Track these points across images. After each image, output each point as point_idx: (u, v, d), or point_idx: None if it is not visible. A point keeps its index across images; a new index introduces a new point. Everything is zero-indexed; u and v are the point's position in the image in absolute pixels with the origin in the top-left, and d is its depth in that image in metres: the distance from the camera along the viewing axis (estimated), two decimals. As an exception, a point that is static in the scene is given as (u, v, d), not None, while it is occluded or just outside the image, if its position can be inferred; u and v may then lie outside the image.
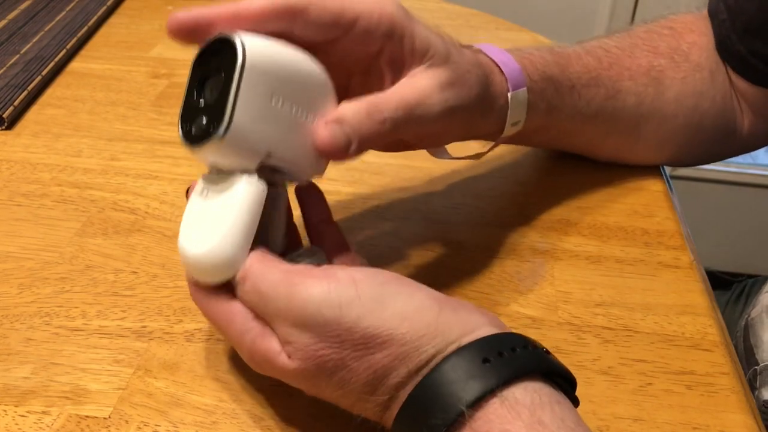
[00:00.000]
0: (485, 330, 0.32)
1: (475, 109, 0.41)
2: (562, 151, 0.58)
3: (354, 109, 0.35)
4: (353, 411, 0.34)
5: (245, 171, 0.34)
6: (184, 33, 0.34)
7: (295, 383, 0.34)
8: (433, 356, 0.31)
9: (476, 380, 0.29)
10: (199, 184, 0.35)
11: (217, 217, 0.34)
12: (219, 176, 0.35)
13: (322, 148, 0.35)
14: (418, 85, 0.37)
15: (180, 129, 0.34)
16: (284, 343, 0.32)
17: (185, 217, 0.35)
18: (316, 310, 0.31)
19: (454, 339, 0.31)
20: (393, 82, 0.38)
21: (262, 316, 0.33)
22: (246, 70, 0.32)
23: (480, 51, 0.44)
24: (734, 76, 0.55)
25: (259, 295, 0.33)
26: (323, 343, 0.31)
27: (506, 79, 0.44)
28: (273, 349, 0.33)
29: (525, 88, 0.45)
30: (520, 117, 0.46)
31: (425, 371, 0.31)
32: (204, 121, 0.33)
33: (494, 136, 0.46)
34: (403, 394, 0.31)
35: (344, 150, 0.35)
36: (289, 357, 0.32)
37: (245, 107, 0.32)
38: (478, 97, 0.41)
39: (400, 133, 0.37)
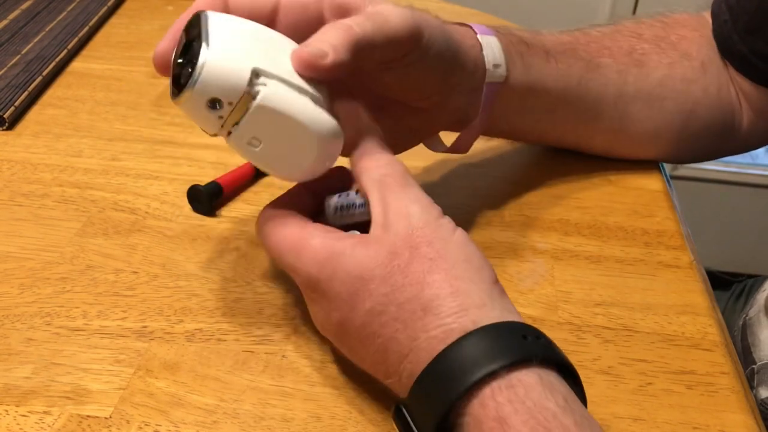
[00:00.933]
0: (521, 320, 0.33)
1: (437, 37, 0.42)
2: (561, 145, 0.58)
3: (322, 30, 0.38)
4: (372, 349, 0.34)
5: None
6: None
7: (343, 286, 0.34)
8: (479, 307, 0.32)
9: (515, 348, 0.30)
10: (237, 142, 0.36)
11: (288, 130, 0.36)
12: (243, 122, 0.35)
13: (298, 58, 0.36)
14: (375, 3, 0.39)
15: (172, 91, 0.36)
16: (380, 225, 0.35)
17: (261, 164, 0.38)
18: (424, 216, 0.35)
19: (497, 307, 0.32)
20: None
21: (392, 190, 0.36)
22: (210, 16, 0.36)
23: None
24: (736, 76, 0.55)
25: (405, 179, 0.37)
26: (406, 242, 0.34)
27: (470, 26, 0.46)
28: (347, 244, 0.34)
29: (494, 36, 0.47)
30: (498, 60, 0.46)
31: (465, 327, 0.31)
32: (190, 67, 0.34)
33: (479, 87, 0.46)
34: (434, 342, 0.31)
35: (320, 56, 0.36)
36: (366, 246, 0.34)
37: (219, 35, 0.35)
38: (435, 26, 0.42)
39: (372, 49, 0.38)
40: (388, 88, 0.43)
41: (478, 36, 0.46)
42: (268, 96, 0.34)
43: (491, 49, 0.46)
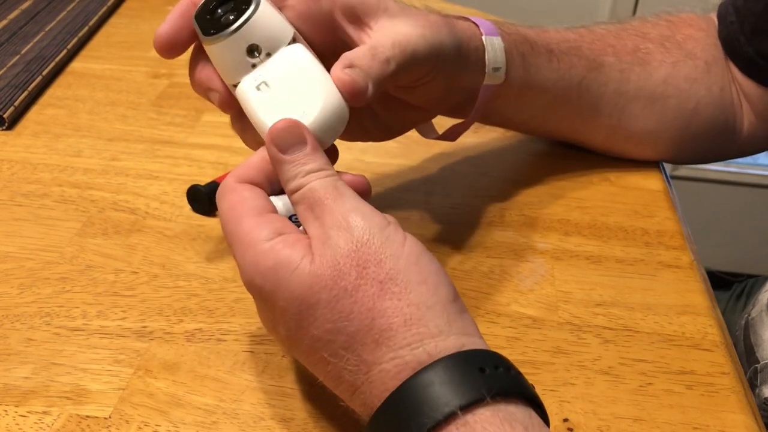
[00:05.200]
0: (481, 343, 0.32)
1: (450, 52, 0.42)
2: (557, 137, 0.58)
3: (358, 53, 0.38)
4: (324, 372, 0.32)
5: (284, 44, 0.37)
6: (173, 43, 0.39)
7: (288, 304, 0.32)
8: (434, 337, 0.30)
9: (469, 386, 0.29)
10: (246, 86, 0.37)
11: (303, 83, 0.36)
12: (264, 66, 0.36)
13: (348, 89, 0.36)
14: (397, 29, 0.40)
15: (210, 27, 0.37)
16: (319, 240, 0.32)
17: (256, 111, 0.36)
18: (368, 228, 0.32)
19: (455, 332, 0.31)
20: (360, 39, 0.40)
21: (319, 204, 0.33)
22: None
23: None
24: (741, 78, 0.55)
25: (336, 190, 0.33)
26: (350, 259, 0.31)
27: (477, 25, 0.46)
28: (295, 255, 0.31)
29: (499, 37, 0.46)
30: (499, 63, 0.46)
31: (420, 358, 0.30)
32: (234, 11, 0.36)
33: (477, 86, 0.46)
34: (387, 375, 0.30)
35: (364, 92, 0.37)
36: (311, 261, 0.31)
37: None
38: (449, 40, 0.42)
39: (399, 76, 0.39)
40: (392, 91, 0.44)
41: (483, 37, 0.46)
42: (303, 47, 0.37)
43: (494, 51, 0.46)
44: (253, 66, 0.36)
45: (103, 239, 0.47)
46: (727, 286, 0.71)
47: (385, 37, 0.39)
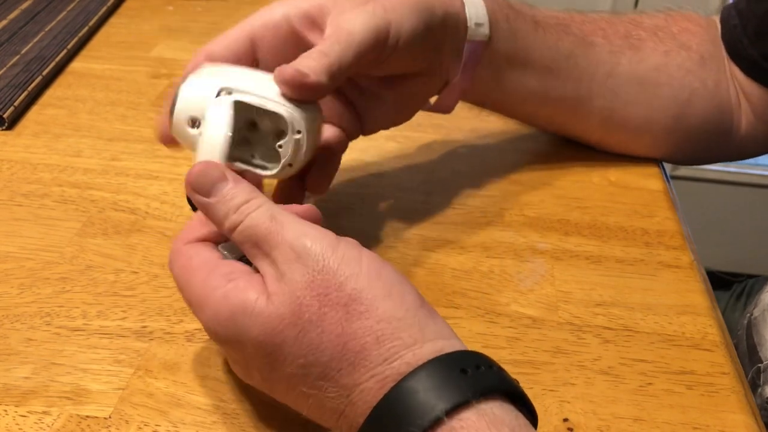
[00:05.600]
0: (458, 344, 0.31)
1: (414, 26, 0.42)
2: (554, 126, 0.57)
3: (300, 58, 0.38)
4: (306, 406, 0.32)
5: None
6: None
7: (256, 349, 0.31)
8: (410, 347, 0.30)
9: (453, 389, 0.28)
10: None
11: (215, 128, 0.37)
12: (200, 127, 0.38)
13: (282, 75, 0.37)
14: (335, 21, 0.40)
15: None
16: (273, 278, 0.31)
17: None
18: (320, 252, 0.31)
19: (430, 337, 0.30)
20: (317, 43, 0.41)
21: (263, 240, 0.32)
22: (203, 66, 0.39)
23: None
24: (743, 79, 0.55)
25: (274, 220, 0.32)
26: (310, 290, 0.30)
27: None
28: (249, 298, 0.31)
29: None
30: (481, 18, 0.46)
31: (399, 370, 0.29)
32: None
33: (462, 46, 0.46)
34: (369, 394, 0.30)
35: (303, 76, 0.37)
36: (268, 300, 0.31)
37: (195, 74, 0.38)
38: (411, 11, 0.42)
39: (352, 65, 0.39)
40: (378, 72, 0.44)
41: None
42: (222, 97, 0.37)
43: (474, 7, 0.46)
44: (200, 134, 0.37)
45: (103, 239, 0.47)
46: (727, 286, 0.71)
47: (326, 34, 0.40)
